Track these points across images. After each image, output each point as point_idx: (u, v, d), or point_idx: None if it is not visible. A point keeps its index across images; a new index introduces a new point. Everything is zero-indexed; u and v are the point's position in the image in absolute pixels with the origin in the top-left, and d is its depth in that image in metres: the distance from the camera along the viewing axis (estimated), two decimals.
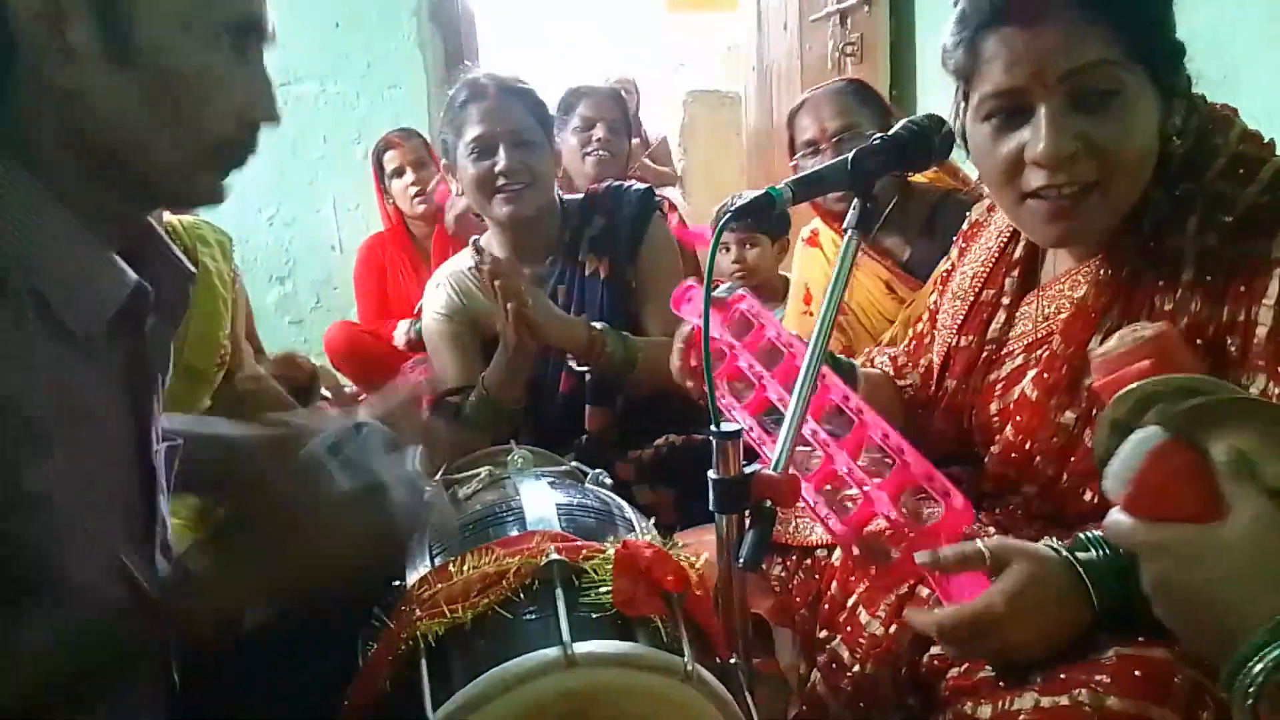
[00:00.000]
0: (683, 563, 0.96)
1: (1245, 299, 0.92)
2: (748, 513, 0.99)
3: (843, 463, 1.05)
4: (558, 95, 2.90)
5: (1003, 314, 1.19)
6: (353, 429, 1.02)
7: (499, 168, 1.74)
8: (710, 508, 1.00)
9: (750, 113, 4.50)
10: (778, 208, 1.06)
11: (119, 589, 0.79)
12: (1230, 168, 0.96)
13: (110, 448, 0.83)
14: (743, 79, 4.62)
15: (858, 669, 1.04)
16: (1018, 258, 1.20)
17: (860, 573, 1.09)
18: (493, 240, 1.91)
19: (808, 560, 1.24)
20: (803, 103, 2.14)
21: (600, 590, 0.90)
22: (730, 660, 0.98)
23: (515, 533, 1.01)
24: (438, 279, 1.93)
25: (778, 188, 1.06)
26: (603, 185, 1.98)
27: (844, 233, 1.10)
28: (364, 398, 2.91)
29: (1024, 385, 1.10)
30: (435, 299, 1.90)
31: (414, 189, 3.12)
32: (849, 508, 1.06)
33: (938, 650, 0.98)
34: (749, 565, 0.95)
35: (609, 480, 1.24)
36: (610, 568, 0.91)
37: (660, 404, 1.80)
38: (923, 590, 1.03)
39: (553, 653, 0.83)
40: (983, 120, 1.00)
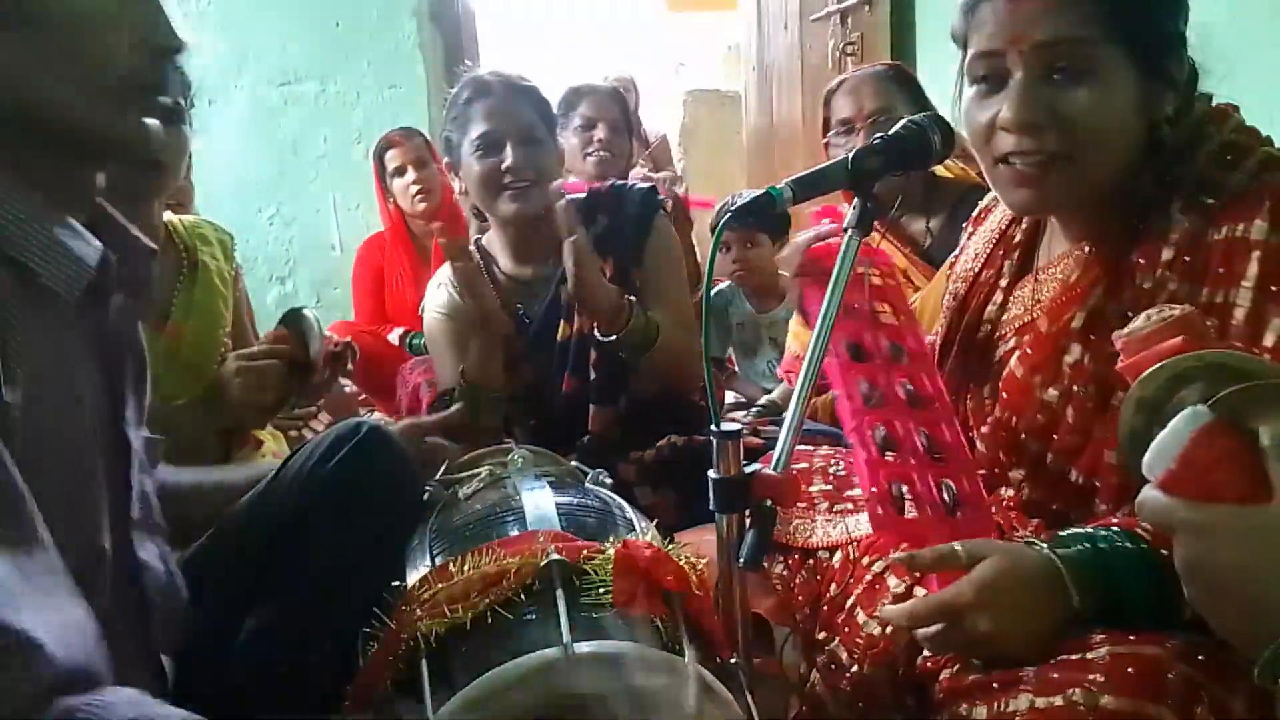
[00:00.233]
0: (683, 563, 0.96)
1: (1225, 281, 0.93)
2: (748, 512, 0.99)
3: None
4: (558, 95, 2.89)
5: (999, 295, 1.21)
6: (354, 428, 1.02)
7: (506, 165, 1.72)
8: (711, 508, 1.01)
9: (751, 112, 4.50)
10: (778, 207, 1.06)
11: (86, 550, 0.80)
12: (1219, 154, 0.98)
13: (83, 419, 0.82)
14: (743, 78, 4.62)
15: (856, 670, 1.04)
16: (1017, 241, 1.21)
17: (875, 527, 1.09)
18: (495, 239, 1.90)
19: (810, 560, 1.24)
20: (841, 83, 2.14)
21: (601, 590, 0.90)
22: (731, 660, 0.98)
23: (516, 532, 1.01)
24: (439, 279, 1.92)
25: (778, 187, 1.06)
26: (605, 184, 1.96)
27: (844, 232, 1.10)
28: (362, 397, 2.91)
29: (1011, 364, 1.13)
30: (436, 298, 1.89)
31: (415, 188, 3.12)
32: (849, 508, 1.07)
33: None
34: (749, 565, 0.95)
35: (609, 480, 1.24)
36: (611, 567, 0.91)
37: (663, 405, 1.80)
38: (919, 591, 1.03)
39: (553, 653, 0.83)
40: (970, 85, 1.04)
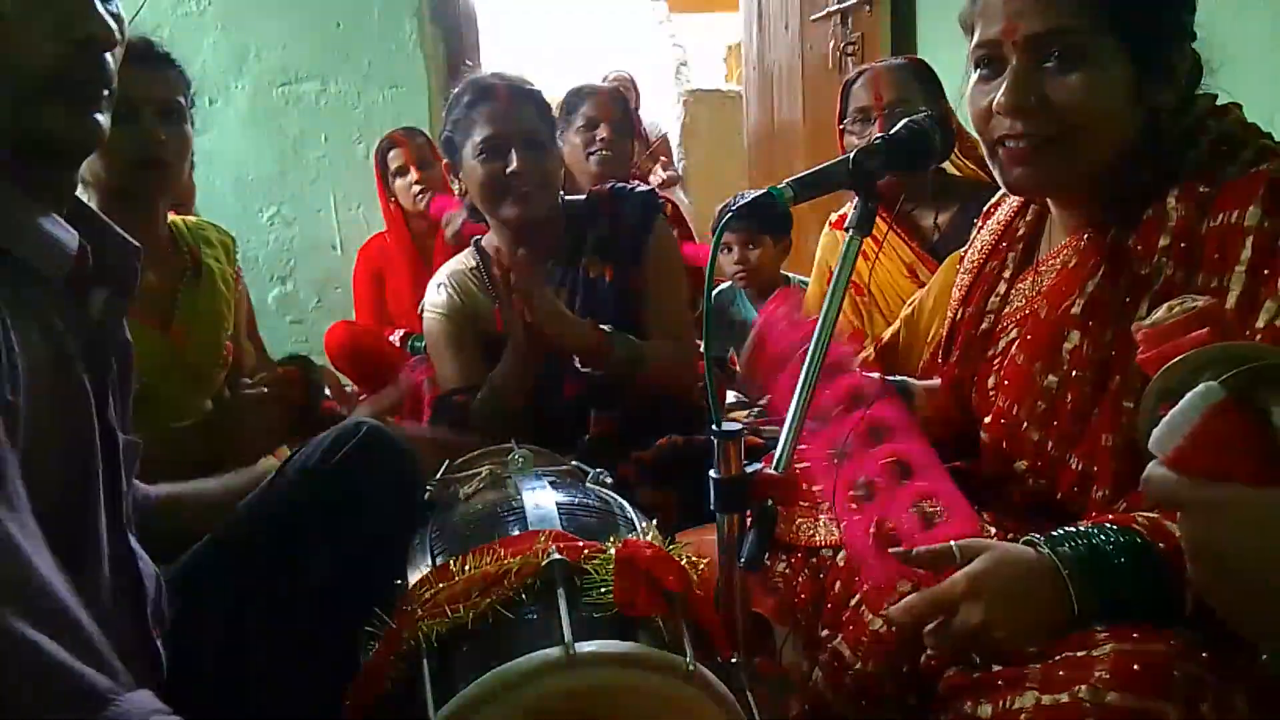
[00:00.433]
0: (684, 562, 0.96)
1: (1219, 266, 0.95)
2: (749, 512, 0.99)
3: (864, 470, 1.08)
4: (559, 95, 2.89)
5: (1003, 286, 1.23)
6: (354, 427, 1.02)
7: (511, 169, 1.71)
8: (711, 507, 1.00)
9: (751, 112, 4.50)
10: (779, 207, 1.06)
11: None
12: (1216, 144, 1.01)
13: (77, 411, 0.83)
14: (744, 78, 4.62)
15: (859, 667, 1.05)
16: (1020, 234, 1.24)
17: (865, 575, 1.10)
18: (494, 241, 1.89)
19: (812, 559, 1.24)
20: (860, 73, 2.16)
21: (602, 590, 0.90)
22: (731, 659, 0.98)
23: (517, 532, 1.01)
24: (439, 279, 1.92)
25: (779, 187, 1.06)
26: (605, 187, 1.95)
27: (846, 231, 1.10)
28: (363, 397, 2.91)
29: (1012, 352, 1.15)
30: (436, 299, 1.89)
31: (417, 188, 3.13)
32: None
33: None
34: (750, 564, 0.95)
35: (610, 480, 1.24)
36: (611, 567, 0.91)
37: (663, 407, 1.80)
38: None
39: (554, 652, 0.83)
40: (973, 70, 1.09)
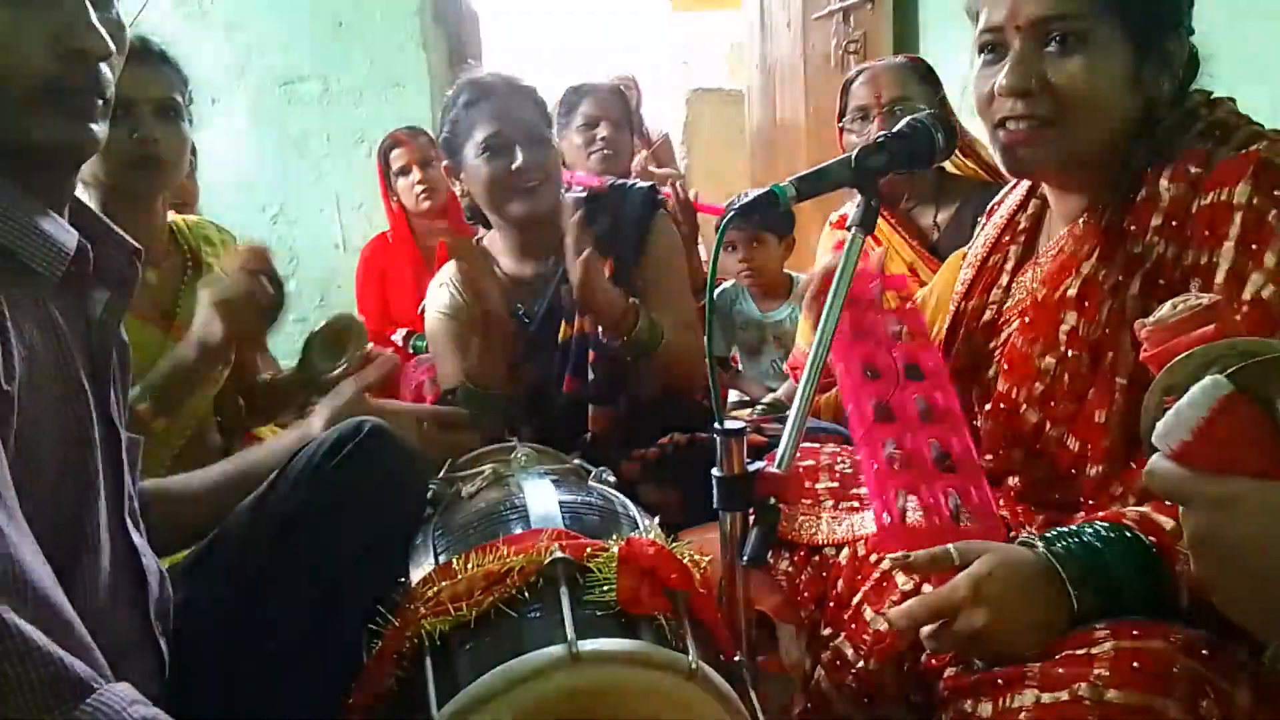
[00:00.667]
0: (687, 560, 0.96)
1: (1209, 242, 0.97)
2: (752, 510, 0.99)
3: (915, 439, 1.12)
4: (560, 94, 2.89)
5: (1005, 278, 1.25)
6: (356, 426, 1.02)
7: (516, 165, 1.71)
8: (714, 505, 1.00)
9: (753, 111, 4.50)
10: (782, 205, 1.06)
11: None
12: (1208, 129, 1.03)
13: (78, 407, 0.83)
14: (746, 77, 4.62)
15: (862, 665, 1.05)
16: (1022, 228, 1.26)
17: (880, 534, 1.10)
18: (497, 240, 1.89)
19: (815, 557, 1.24)
20: (860, 72, 2.16)
21: (604, 588, 0.90)
22: (734, 658, 0.98)
23: (519, 530, 1.01)
24: (440, 278, 1.92)
25: (782, 185, 1.06)
26: (607, 183, 1.96)
27: (848, 230, 1.10)
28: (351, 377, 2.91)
29: (1012, 336, 1.17)
30: (438, 298, 1.89)
31: (420, 187, 3.12)
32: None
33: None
34: (752, 562, 0.96)
35: (612, 478, 1.24)
36: (614, 565, 0.91)
37: (665, 403, 1.80)
38: (928, 588, 1.03)
39: (557, 650, 0.83)
40: (978, 55, 1.11)
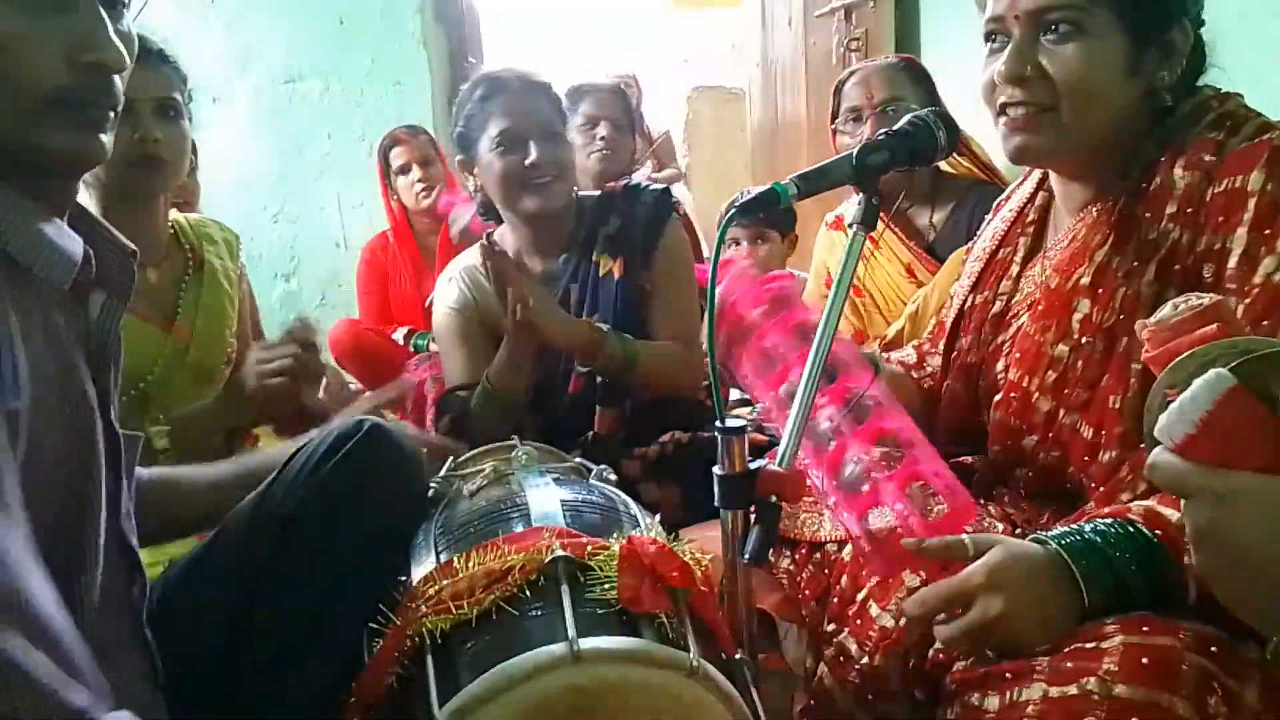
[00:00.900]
0: (688, 558, 0.96)
1: (1223, 228, 0.99)
2: (753, 508, 0.99)
3: (855, 451, 1.07)
4: (561, 93, 2.89)
5: (1015, 269, 1.26)
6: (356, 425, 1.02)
7: (530, 160, 1.71)
8: (715, 503, 1.00)
9: (755, 109, 4.49)
10: (783, 203, 1.06)
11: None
12: (1219, 120, 1.05)
13: (82, 415, 0.83)
14: (747, 75, 4.61)
15: (866, 661, 1.05)
16: (1031, 220, 1.27)
17: (869, 568, 1.10)
18: (508, 235, 1.88)
19: (817, 554, 1.24)
20: (852, 73, 2.16)
21: (606, 586, 0.90)
22: (736, 655, 0.98)
23: (520, 529, 1.01)
24: (449, 273, 1.91)
25: (783, 183, 1.06)
26: (620, 184, 1.95)
27: (849, 228, 1.10)
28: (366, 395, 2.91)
29: (1024, 324, 1.18)
30: (447, 293, 1.88)
31: (420, 185, 3.13)
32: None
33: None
34: (754, 560, 0.95)
35: (613, 476, 1.24)
36: (615, 564, 0.91)
37: (668, 404, 1.80)
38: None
39: (559, 649, 0.83)
40: (985, 44, 1.14)
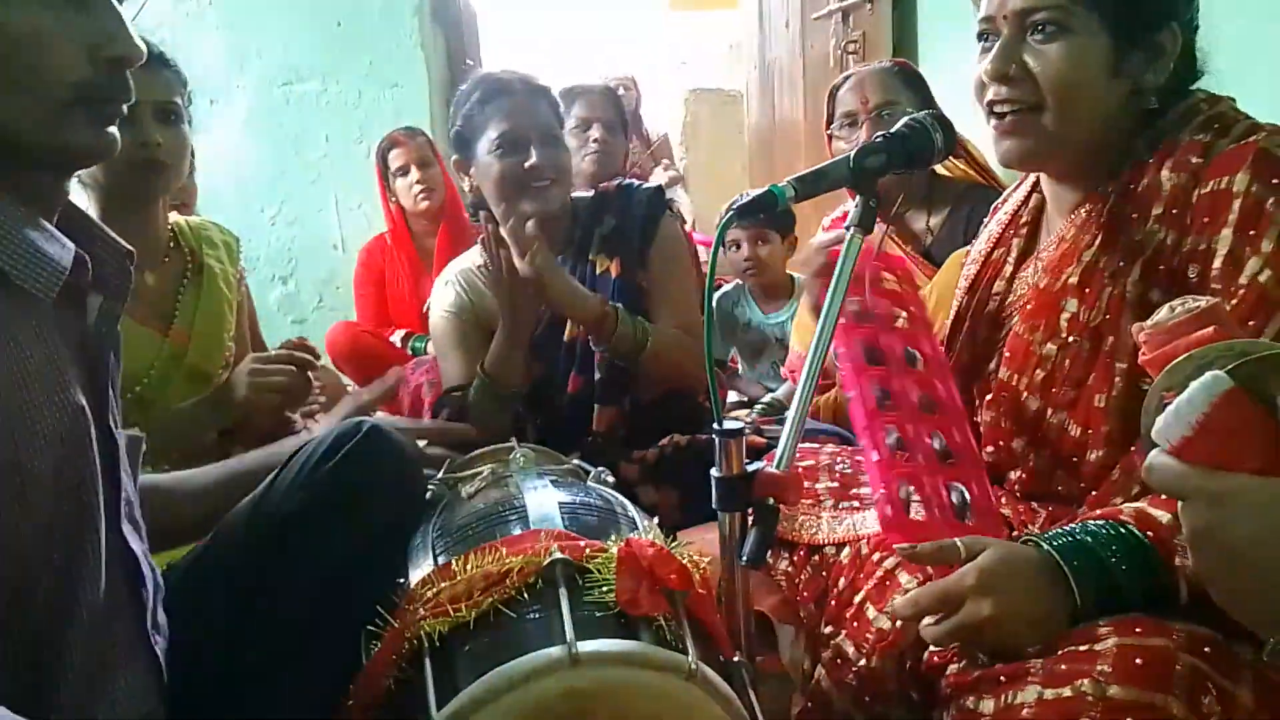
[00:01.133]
0: (686, 561, 0.96)
1: (1209, 229, 0.99)
2: (751, 511, 0.99)
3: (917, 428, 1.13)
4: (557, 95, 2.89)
5: (1009, 270, 1.26)
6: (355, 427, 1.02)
7: (530, 164, 1.71)
8: (713, 506, 1.00)
9: (752, 111, 4.50)
10: (780, 205, 1.06)
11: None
12: (1207, 122, 1.06)
13: (78, 421, 0.83)
14: (745, 77, 4.61)
15: (863, 664, 1.05)
16: (1025, 222, 1.27)
17: (883, 528, 1.11)
18: (503, 238, 1.89)
19: (815, 557, 1.24)
20: (847, 78, 2.16)
21: (604, 589, 0.90)
22: (734, 658, 0.98)
23: (518, 531, 1.01)
24: (446, 276, 1.92)
25: (780, 185, 1.06)
26: (614, 184, 1.96)
27: (846, 230, 1.10)
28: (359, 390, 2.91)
29: (1014, 327, 1.19)
30: (443, 297, 1.89)
31: (419, 187, 3.13)
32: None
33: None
34: (751, 563, 0.96)
35: (611, 479, 1.24)
36: (613, 566, 0.91)
37: (668, 405, 1.80)
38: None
39: (556, 651, 0.83)
40: (978, 44, 1.15)
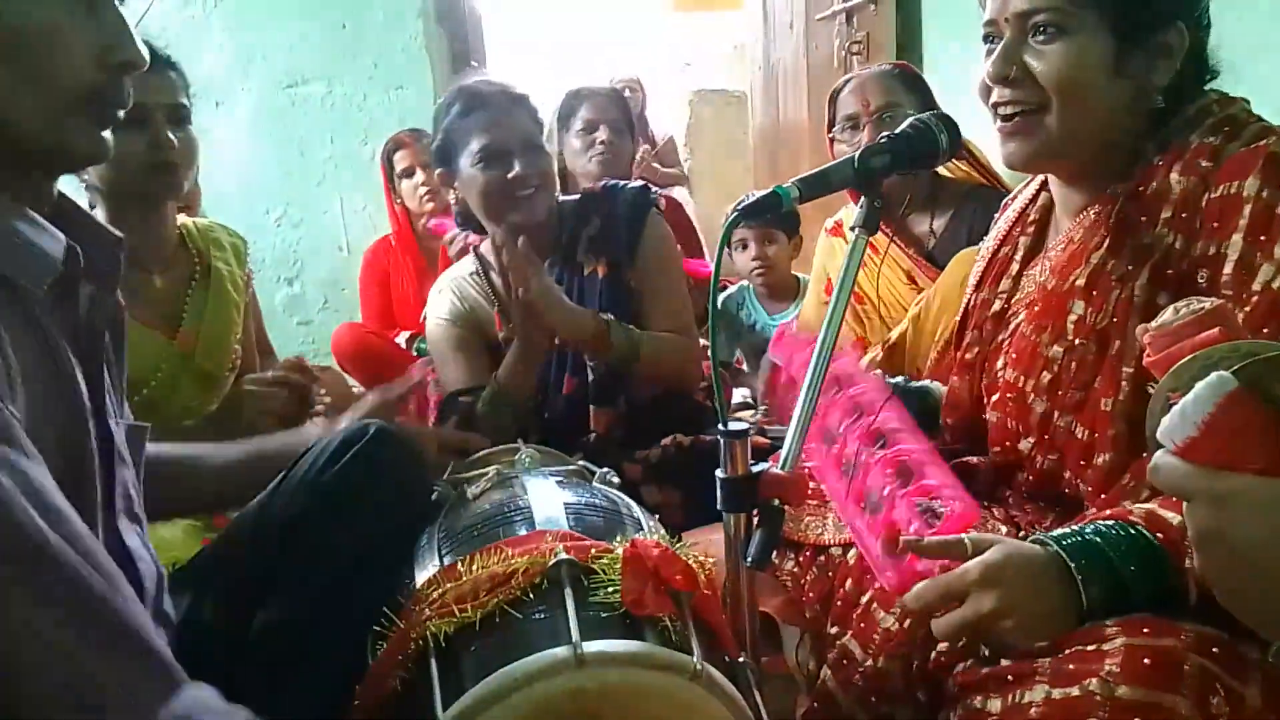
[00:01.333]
0: (692, 562, 0.96)
1: (1218, 234, 0.99)
2: (756, 511, 0.99)
3: (876, 479, 1.10)
4: (560, 97, 2.89)
5: (1015, 267, 1.26)
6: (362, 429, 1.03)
7: (513, 174, 1.72)
8: (718, 507, 1.01)
9: (756, 112, 4.49)
10: (785, 207, 1.06)
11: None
12: (1218, 125, 1.05)
13: (73, 414, 0.83)
14: (749, 78, 4.61)
15: (869, 664, 1.05)
16: (1032, 220, 1.27)
17: (883, 580, 1.10)
18: (492, 246, 1.91)
19: (820, 557, 1.24)
20: (848, 80, 2.15)
21: (609, 589, 0.90)
22: (739, 659, 0.98)
23: (524, 532, 1.01)
24: (439, 286, 1.94)
25: (785, 186, 1.06)
26: (599, 185, 1.97)
27: (851, 231, 1.10)
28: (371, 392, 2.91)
29: (1020, 326, 1.18)
30: (438, 305, 1.91)
31: (424, 189, 3.13)
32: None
33: (945, 646, 0.98)
34: (756, 564, 0.96)
35: (616, 479, 1.24)
36: (619, 567, 0.91)
37: (667, 404, 1.81)
38: None
39: (562, 652, 0.83)
40: (984, 45, 1.16)
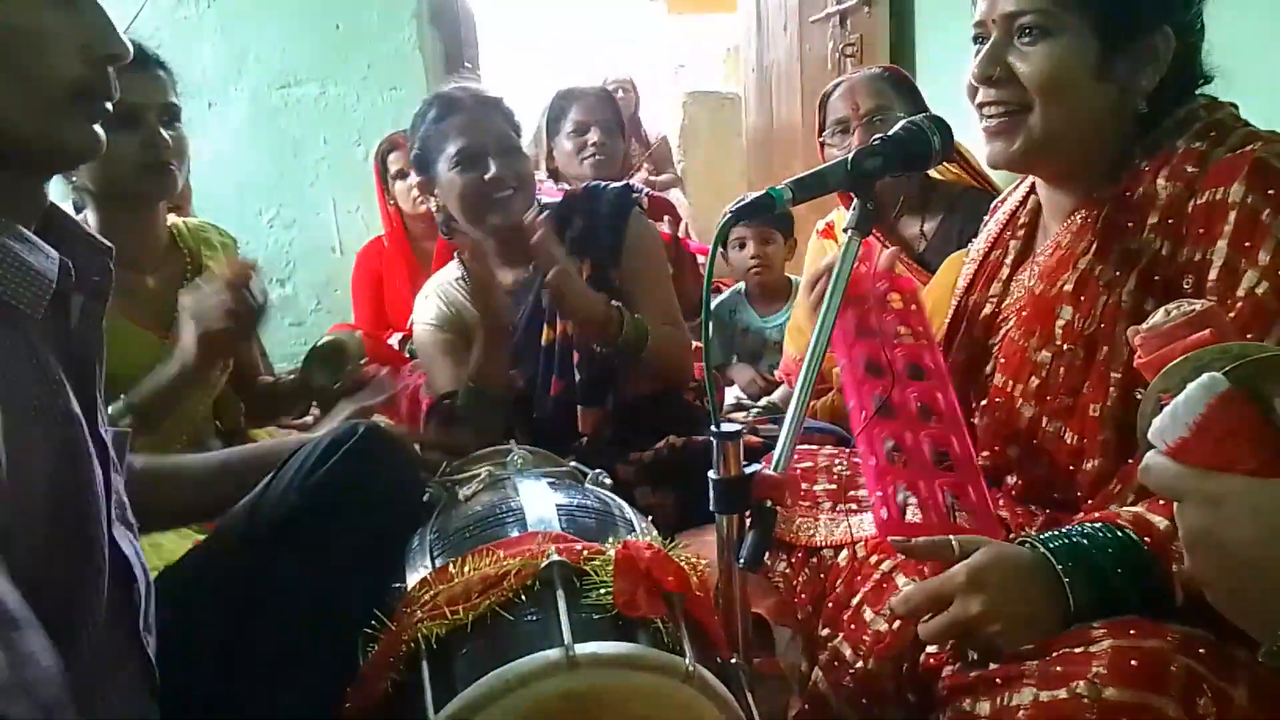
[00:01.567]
0: (684, 563, 0.96)
1: (1204, 240, 0.99)
2: (749, 513, 0.99)
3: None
4: (550, 98, 2.89)
5: (1005, 271, 1.27)
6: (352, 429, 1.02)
7: (490, 176, 1.73)
8: (711, 508, 1.01)
9: (750, 114, 4.50)
10: (778, 208, 1.06)
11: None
12: (1205, 130, 1.05)
13: (70, 428, 0.82)
14: (742, 80, 4.62)
15: (860, 666, 1.05)
16: (1022, 223, 1.28)
17: (879, 523, 1.11)
18: (459, 255, 1.91)
19: (812, 559, 1.24)
20: (837, 84, 2.14)
21: (601, 591, 0.90)
22: (731, 660, 0.98)
23: (516, 534, 1.01)
24: (425, 292, 1.95)
25: (778, 188, 1.06)
26: (581, 186, 1.98)
27: (845, 232, 1.11)
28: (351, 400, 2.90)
29: (1009, 331, 1.19)
30: (425, 310, 1.92)
31: (417, 191, 3.13)
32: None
33: (935, 648, 0.98)
34: (749, 565, 0.96)
35: (608, 481, 1.24)
36: (611, 568, 0.91)
37: (654, 404, 1.81)
38: None
39: (554, 654, 0.83)
40: (973, 46, 1.16)
